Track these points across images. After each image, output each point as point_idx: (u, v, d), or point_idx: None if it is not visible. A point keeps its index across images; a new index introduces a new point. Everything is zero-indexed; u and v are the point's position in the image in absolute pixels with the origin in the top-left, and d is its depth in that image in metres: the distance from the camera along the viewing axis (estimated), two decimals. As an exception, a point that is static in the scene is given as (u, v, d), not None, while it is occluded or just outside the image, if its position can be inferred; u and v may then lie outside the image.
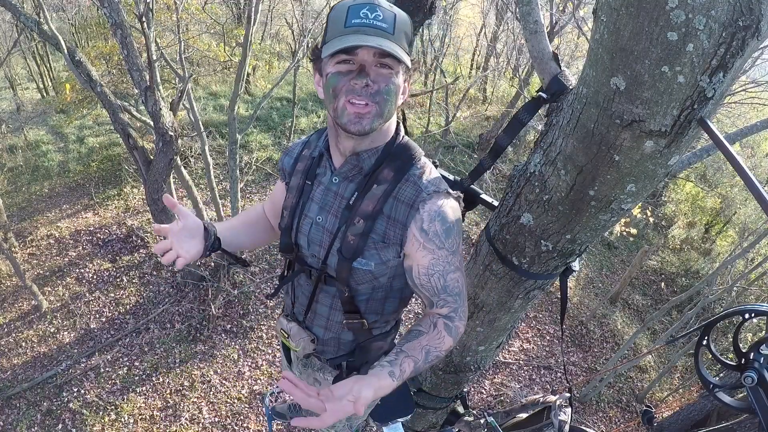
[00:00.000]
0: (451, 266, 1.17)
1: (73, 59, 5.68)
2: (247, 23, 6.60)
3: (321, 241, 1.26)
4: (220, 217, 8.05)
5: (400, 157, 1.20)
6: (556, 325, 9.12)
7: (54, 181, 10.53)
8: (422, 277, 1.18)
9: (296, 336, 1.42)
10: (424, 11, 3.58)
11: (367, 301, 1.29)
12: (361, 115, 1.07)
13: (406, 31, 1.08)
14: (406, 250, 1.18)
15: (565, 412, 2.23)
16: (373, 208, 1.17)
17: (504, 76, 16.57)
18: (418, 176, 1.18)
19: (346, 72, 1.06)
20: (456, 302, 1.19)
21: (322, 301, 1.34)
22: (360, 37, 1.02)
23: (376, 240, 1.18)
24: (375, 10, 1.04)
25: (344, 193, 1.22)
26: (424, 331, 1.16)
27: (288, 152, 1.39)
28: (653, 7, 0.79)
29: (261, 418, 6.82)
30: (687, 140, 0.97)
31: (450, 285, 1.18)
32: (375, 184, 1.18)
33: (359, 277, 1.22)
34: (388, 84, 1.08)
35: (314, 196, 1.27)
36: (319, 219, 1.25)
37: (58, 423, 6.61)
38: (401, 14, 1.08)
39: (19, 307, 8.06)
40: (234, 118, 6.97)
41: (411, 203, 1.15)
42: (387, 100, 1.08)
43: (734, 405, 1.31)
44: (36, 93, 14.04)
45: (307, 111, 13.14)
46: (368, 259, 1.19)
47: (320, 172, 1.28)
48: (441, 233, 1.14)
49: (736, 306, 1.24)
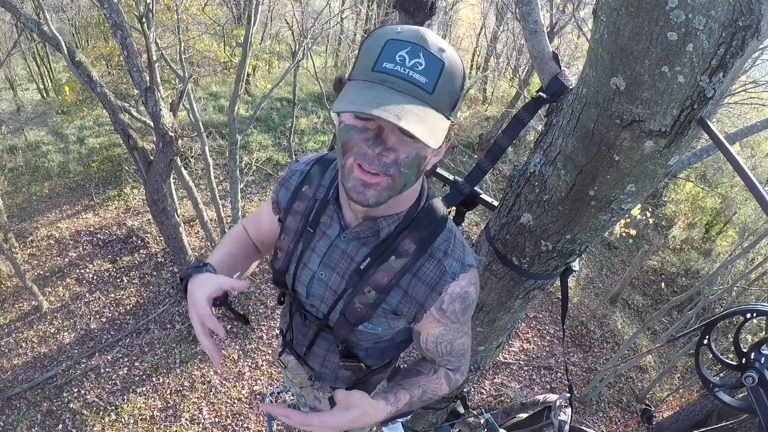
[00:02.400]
0: (459, 334, 1.13)
1: (73, 60, 5.69)
2: (247, 24, 6.61)
3: (323, 297, 1.14)
4: (221, 217, 8.05)
5: (424, 226, 1.04)
6: (557, 325, 9.12)
7: (54, 182, 10.54)
8: (429, 344, 1.14)
9: (293, 370, 1.37)
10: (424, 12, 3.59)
11: (366, 350, 1.22)
12: (367, 185, 0.88)
13: (451, 89, 0.85)
14: (418, 322, 1.10)
15: (565, 412, 2.23)
16: (388, 281, 1.04)
17: (504, 77, 16.59)
18: (443, 252, 1.03)
19: (362, 129, 0.85)
20: (459, 362, 1.19)
21: (319, 344, 1.27)
22: (380, 94, 0.79)
23: (387, 311, 1.07)
24: (417, 55, 0.81)
25: (354, 255, 1.07)
26: (424, 372, 1.18)
27: (284, 183, 1.18)
28: (653, 7, 0.79)
29: (261, 419, 6.82)
30: (687, 140, 0.97)
31: (456, 349, 1.15)
32: (393, 256, 1.03)
33: (361, 336, 1.14)
34: (411, 155, 0.86)
35: (316, 248, 1.12)
36: (322, 275, 1.11)
37: (58, 423, 6.61)
38: (452, 63, 0.84)
39: (19, 308, 8.06)
40: (234, 119, 6.98)
41: (433, 285, 1.03)
42: (405, 174, 0.88)
43: (735, 405, 1.31)
44: (36, 94, 14.06)
45: (307, 111, 13.15)
46: (375, 325, 1.09)
47: (325, 221, 1.10)
48: (459, 312, 1.07)
49: (736, 306, 1.24)
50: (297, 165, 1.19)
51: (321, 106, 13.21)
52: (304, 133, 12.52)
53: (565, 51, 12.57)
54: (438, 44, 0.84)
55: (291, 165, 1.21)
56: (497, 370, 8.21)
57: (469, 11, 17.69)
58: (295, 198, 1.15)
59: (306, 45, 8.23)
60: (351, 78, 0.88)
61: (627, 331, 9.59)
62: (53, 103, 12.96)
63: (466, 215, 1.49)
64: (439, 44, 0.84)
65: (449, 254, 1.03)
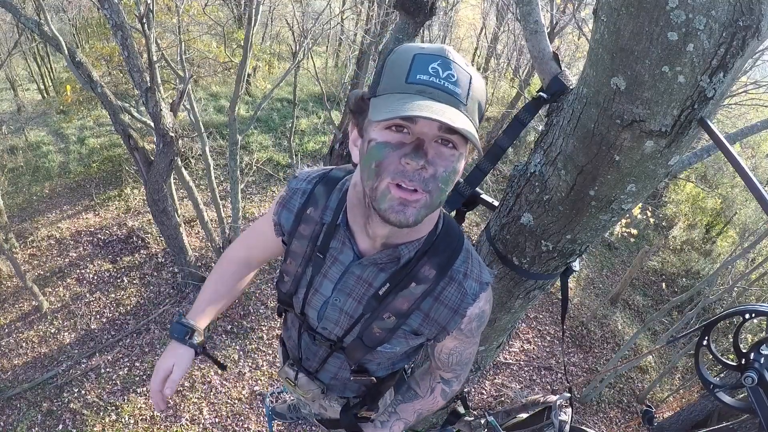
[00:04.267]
0: (470, 345, 1.16)
1: (73, 60, 5.69)
2: (247, 24, 6.61)
3: (338, 321, 1.12)
4: (221, 218, 8.05)
5: (442, 251, 1.03)
6: (557, 325, 9.12)
7: (54, 182, 10.54)
8: (443, 355, 1.18)
9: (305, 386, 1.34)
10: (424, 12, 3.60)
11: (378, 364, 1.23)
12: (407, 203, 0.84)
13: (480, 101, 0.86)
14: (439, 342, 1.12)
15: (566, 413, 2.23)
16: (408, 307, 1.03)
17: (504, 77, 16.58)
18: (463, 274, 1.03)
19: (397, 145, 0.82)
20: (461, 370, 1.23)
21: (330, 363, 1.26)
22: (425, 102, 0.78)
23: (407, 332, 1.07)
24: (448, 67, 0.82)
25: (372, 281, 1.04)
26: (421, 395, 1.24)
27: (285, 204, 1.13)
28: (653, 7, 0.79)
29: (261, 419, 6.82)
30: (687, 140, 0.97)
31: (464, 359, 1.19)
32: (414, 282, 1.02)
33: (377, 355, 1.14)
34: (448, 169, 0.84)
35: (328, 273, 1.08)
36: (337, 300, 1.09)
37: (58, 423, 6.61)
38: (477, 77, 0.85)
39: (19, 308, 8.06)
40: (234, 119, 6.98)
41: (456, 309, 1.04)
42: (442, 190, 0.85)
43: (735, 405, 1.31)
44: (37, 94, 14.06)
45: (307, 112, 13.15)
46: (394, 345, 1.09)
47: (335, 246, 1.07)
48: (475, 329, 1.10)
49: (736, 306, 1.24)
50: (297, 183, 1.14)
51: (321, 106, 13.20)
52: (304, 133, 12.52)
53: (566, 51, 12.57)
54: (461, 59, 0.85)
55: (290, 183, 1.15)
56: (497, 370, 8.20)
57: (470, 11, 17.69)
58: (300, 221, 1.10)
59: (306, 45, 8.22)
60: (379, 93, 0.85)
61: (627, 332, 9.59)
62: (54, 103, 12.96)
63: (466, 215, 1.49)
64: (462, 59, 0.85)
65: (469, 275, 1.03)
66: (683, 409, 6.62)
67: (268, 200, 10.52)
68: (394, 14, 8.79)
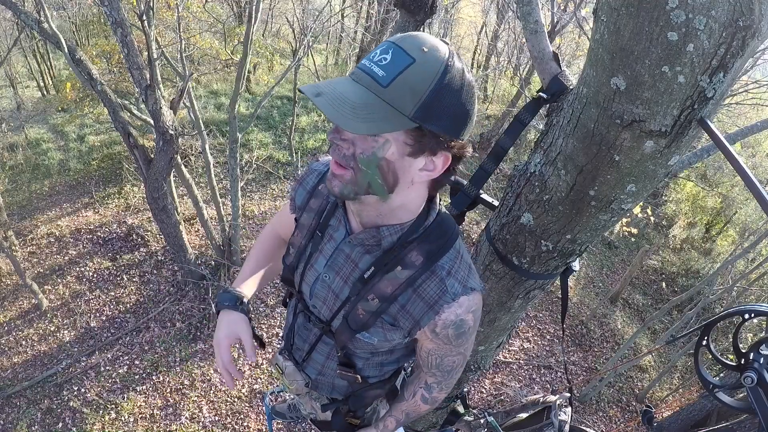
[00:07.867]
0: (452, 353, 1.14)
1: (73, 57, 5.68)
2: (248, 22, 6.60)
3: (325, 299, 1.16)
4: (221, 215, 8.05)
5: (433, 239, 1.04)
6: (557, 324, 9.13)
7: (54, 180, 10.54)
8: (422, 353, 1.18)
9: (291, 376, 1.37)
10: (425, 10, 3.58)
11: (365, 360, 1.24)
12: (334, 175, 0.90)
13: (415, 87, 0.80)
14: (412, 337, 1.13)
15: (565, 412, 2.23)
16: (392, 291, 1.05)
17: (505, 75, 16.58)
18: (447, 271, 1.02)
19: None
20: (443, 377, 1.22)
21: (319, 350, 1.28)
22: (335, 84, 0.82)
23: (386, 321, 1.09)
24: (387, 52, 0.81)
25: (358, 261, 1.08)
26: (405, 398, 1.31)
27: (302, 182, 1.21)
28: (653, 7, 0.79)
29: (261, 417, 6.83)
30: (687, 140, 0.97)
31: (445, 365, 1.17)
32: (400, 266, 1.03)
33: (359, 345, 1.16)
34: (366, 152, 0.85)
35: (323, 250, 1.14)
36: (326, 277, 1.14)
37: (58, 421, 6.62)
38: (428, 62, 0.80)
39: (19, 306, 8.07)
40: (234, 117, 6.97)
41: (431, 304, 1.03)
42: (364, 171, 0.87)
43: (734, 405, 1.31)
44: (36, 91, 14.05)
45: (307, 110, 13.14)
46: (373, 334, 1.11)
47: (333, 224, 1.12)
48: (452, 337, 1.08)
49: (736, 306, 1.24)
50: (316, 165, 1.22)
51: (321, 104, 13.18)
52: (304, 131, 12.52)
53: (566, 51, 12.56)
54: (422, 45, 0.81)
55: (311, 164, 1.24)
56: (497, 369, 8.21)
57: (470, 10, 17.67)
58: (312, 195, 1.17)
59: (307, 43, 8.22)
60: None
61: (627, 331, 9.60)
62: (54, 100, 12.96)
63: (466, 215, 1.49)
64: (425, 46, 0.81)
65: (452, 274, 1.03)
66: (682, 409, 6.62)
67: (268, 198, 10.52)
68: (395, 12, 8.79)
